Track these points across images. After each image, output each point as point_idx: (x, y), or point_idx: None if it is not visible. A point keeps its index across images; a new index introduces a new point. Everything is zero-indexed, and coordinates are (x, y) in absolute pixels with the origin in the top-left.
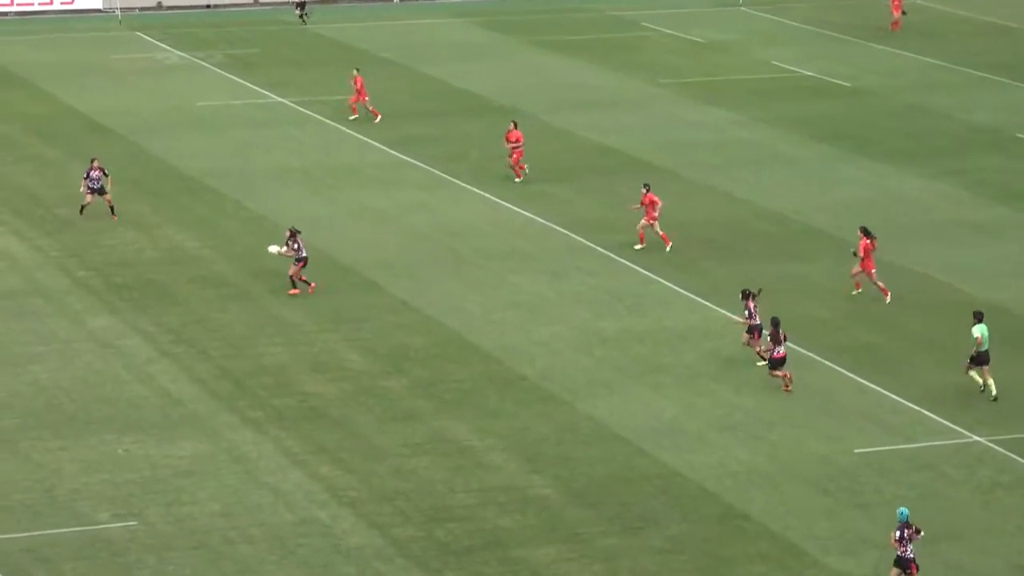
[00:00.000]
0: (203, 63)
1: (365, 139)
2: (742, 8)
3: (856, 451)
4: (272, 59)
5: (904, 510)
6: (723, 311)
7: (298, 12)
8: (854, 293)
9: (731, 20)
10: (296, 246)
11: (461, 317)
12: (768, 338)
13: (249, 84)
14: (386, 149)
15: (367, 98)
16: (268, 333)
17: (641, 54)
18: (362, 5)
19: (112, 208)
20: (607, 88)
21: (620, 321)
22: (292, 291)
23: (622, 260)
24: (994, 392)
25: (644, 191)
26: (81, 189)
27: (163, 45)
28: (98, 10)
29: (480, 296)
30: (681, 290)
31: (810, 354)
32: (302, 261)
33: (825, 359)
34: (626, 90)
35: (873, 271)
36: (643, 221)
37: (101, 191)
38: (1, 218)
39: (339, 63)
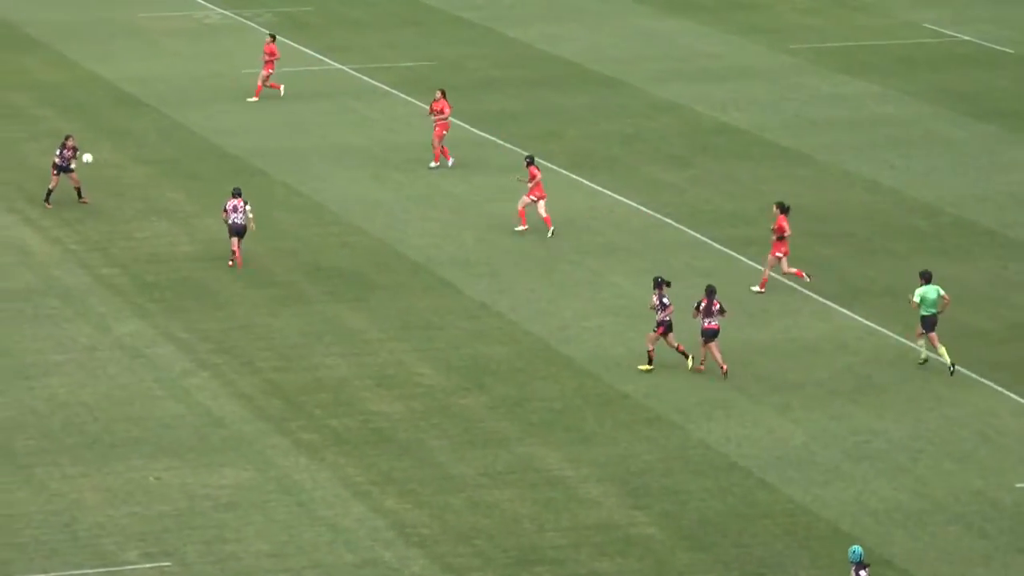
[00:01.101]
0: (249, 23)
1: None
2: None
3: (1018, 485)
4: (330, 19)
5: (857, 548)
6: (862, 319)
7: None
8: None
9: None
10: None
11: (551, 324)
12: (698, 307)
13: (303, 48)
14: (464, 125)
15: (271, 71)
16: (325, 342)
17: (768, 14)
18: None
19: (79, 191)
20: (726, 55)
21: (739, 331)
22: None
23: (742, 258)
24: (948, 360)
25: (527, 164)
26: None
27: (202, 1)
28: None
29: (573, 299)
30: (812, 294)
31: (965, 371)
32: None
33: (983, 377)
34: (749, 57)
35: (780, 256)
36: (525, 198)
37: (67, 169)
38: (13, 205)
39: (410, 24)
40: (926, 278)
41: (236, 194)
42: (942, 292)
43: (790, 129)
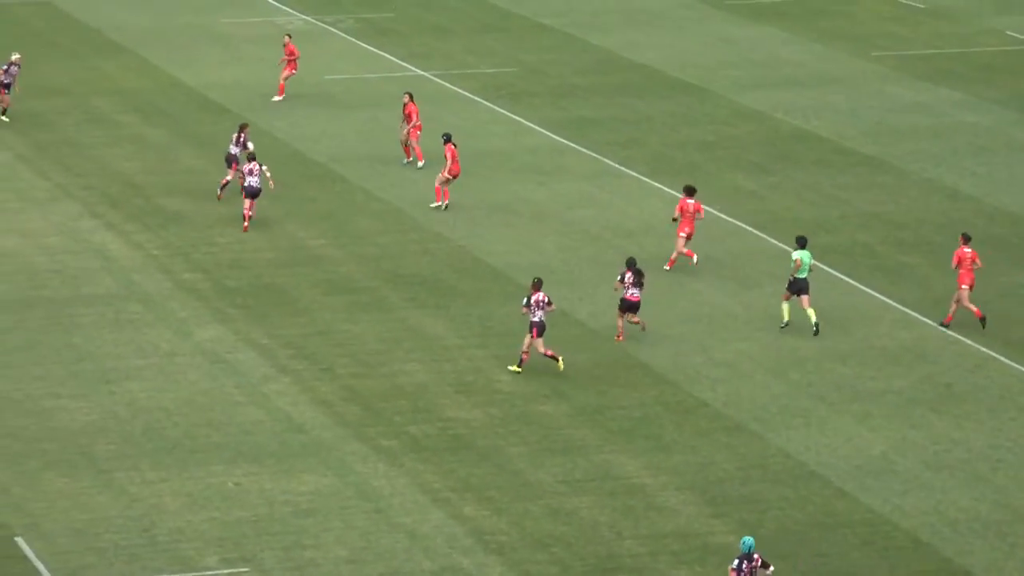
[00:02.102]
0: (332, 29)
1: (521, 120)
2: None
3: None
4: (411, 25)
5: (749, 539)
6: (942, 328)
7: None
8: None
9: None
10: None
11: (632, 330)
12: (621, 278)
13: (385, 54)
14: (545, 132)
15: (293, 71)
16: (405, 348)
17: (850, 22)
18: None
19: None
20: (808, 62)
21: (819, 339)
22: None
23: (822, 266)
24: (813, 321)
25: (444, 141)
26: None
27: (285, 7)
28: None
29: (654, 307)
30: (893, 303)
31: None
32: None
33: None
34: (831, 65)
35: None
36: (442, 175)
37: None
38: (95, 210)
39: (491, 30)
40: (802, 243)
41: (251, 158)
42: (812, 260)
43: (871, 136)
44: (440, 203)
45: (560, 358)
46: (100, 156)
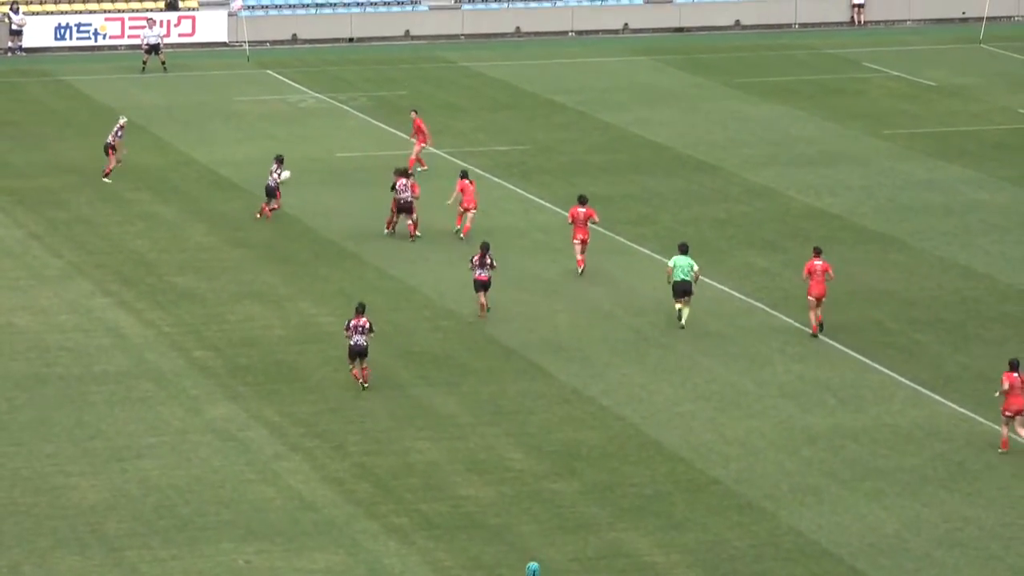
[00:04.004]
0: (344, 106)
1: (532, 198)
2: (983, 46)
3: None
4: (424, 102)
5: (533, 564)
6: (954, 405)
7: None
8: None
9: (969, 60)
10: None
11: (643, 409)
12: (472, 260)
13: (397, 132)
14: (557, 209)
15: (427, 142)
16: (416, 426)
17: (863, 100)
18: (530, 40)
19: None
20: (820, 140)
21: (831, 416)
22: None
23: (834, 344)
24: (683, 320)
25: (460, 176)
26: None
27: (297, 85)
28: (223, 43)
29: (665, 384)
30: (905, 380)
31: None
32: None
33: None
34: (843, 143)
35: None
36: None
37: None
38: (108, 287)
39: (504, 108)
40: (683, 249)
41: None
42: (695, 266)
43: (883, 214)
44: (458, 229)
45: (365, 385)
46: (112, 234)
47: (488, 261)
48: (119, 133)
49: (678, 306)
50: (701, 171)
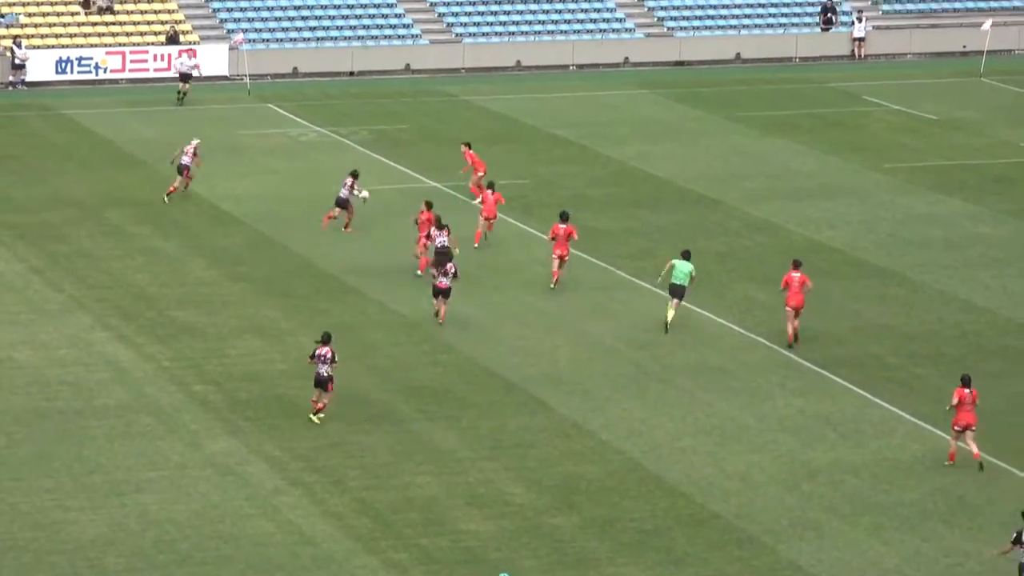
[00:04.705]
0: (345, 140)
1: (532, 231)
2: (983, 80)
3: None
4: (425, 136)
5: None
6: (950, 439)
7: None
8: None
9: (970, 93)
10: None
11: (643, 443)
12: (433, 268)
13: (399, 166)
14: (554, 256)
15: (480, 173)
16: (416, 460)
17: (863, 134)
18: (531, 73)
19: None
20: (821, 174)
21: (832, 451)
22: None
23: (835, 378)
24: (668, 320)
25: (485, 186)
26: None
27: (299, 119)
28: (223, 77)
29: (665, 419)
30: (905, 414)
31: None
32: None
33: None
34: (844, 176)
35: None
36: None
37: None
38: (107, 321)
39: (505, 141)
40: (685, 255)
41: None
42: (693, 273)
43: (884, 248)
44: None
45: (319, 415)
46: (113, 268)
47: (450, 270)
48: (194, 153)
49: (671, 310)
50: (702, 205)
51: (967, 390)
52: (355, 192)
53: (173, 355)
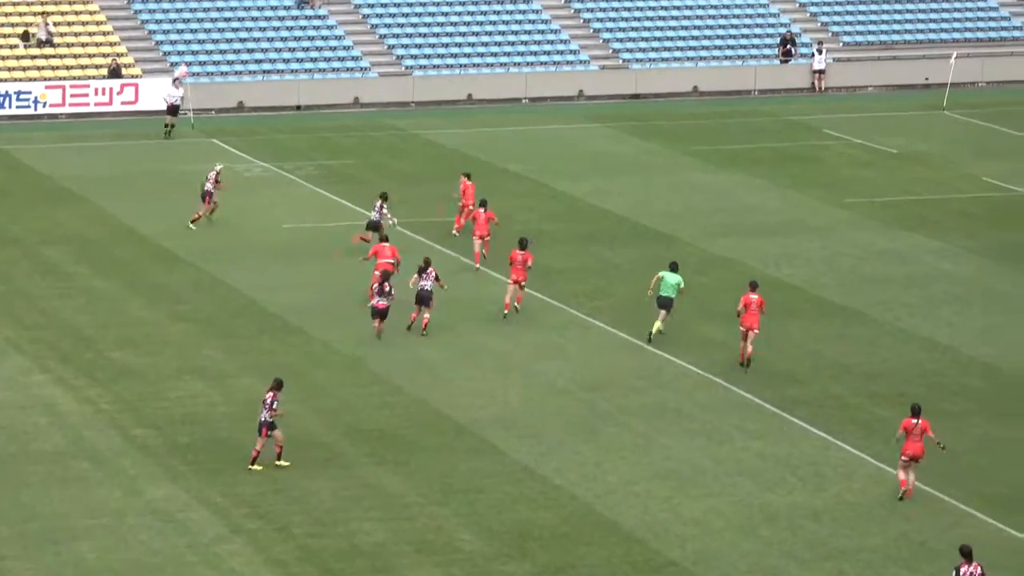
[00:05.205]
0: (291, 176)
1: (485, 269)
2: (946, 112)
3: None
4: (373, 171)
5: None
6: (918, 483)
7: None
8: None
9: (933, 126)
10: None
11: (597, 488)
12: (372, 287)
13: (346, 202)
14: (510, 282)
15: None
16: (363, 506)
17: (822, 168)
18: (483, 107)
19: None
20: (780, 209)
21: (791, 494)
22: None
23: (794, 420)
24: (654, 330)
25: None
26: None
27: (243, 154)
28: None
29: (620, 462)
30: (866, 457)
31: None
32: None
33: None
34: (804, 212)
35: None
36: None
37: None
38: (45, 363)
39: (453, 176)
40: (673, 267)
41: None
42: (682, 285)
43: (844, 285)
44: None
45: (251, 466)
46: (51, 308)
47: (387, 289)
48: (216, 179)
49: (659, 321)
50: (658, 241)
51: (915, 420)
52: (386, 215)
53: (112, 398)
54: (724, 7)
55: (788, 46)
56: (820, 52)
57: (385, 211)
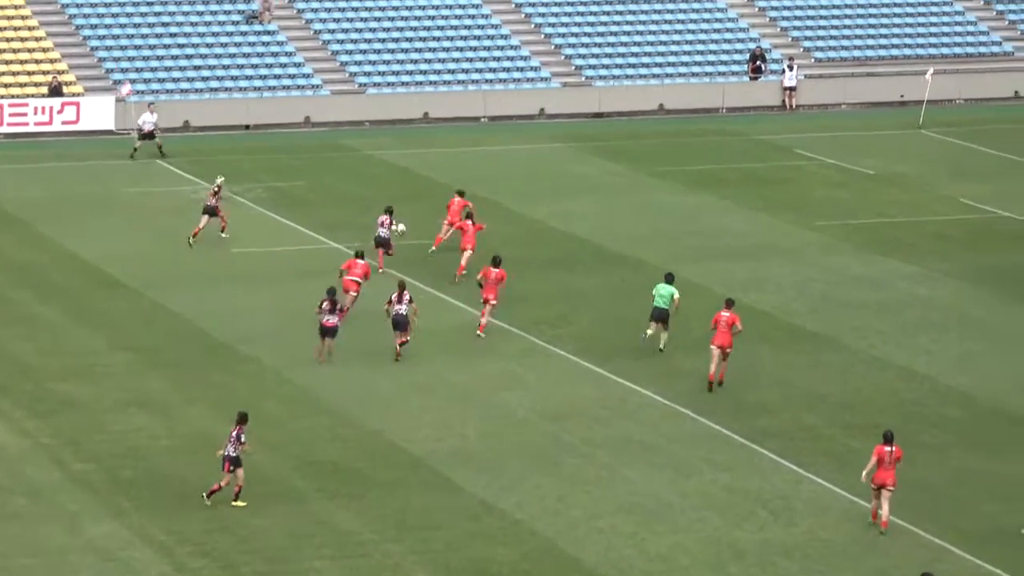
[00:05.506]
0: (239, 198)
1: (443, 296)
2: (923, 132)
3: None
4: (324, 194)
5: None
6: (893, 518)
7: None
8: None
9: (908, 146)
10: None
11: (559, 523)
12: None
13: (296, 225)
14: (469, 309)
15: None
16: (315, 544)
17: (793, 189)
18: (440, 126)
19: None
20: (750, 232)
21: (761, 530)
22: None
23: (764, 452)
24: (661, 345)
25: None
26: None
27: (190, 176)
28: (109, 131)
29: (583, 496)
30: (840, 491)
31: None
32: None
33: None
34: (774, 235)
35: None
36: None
37: (386, 243)
38: None
39: (411, 199)
40: (668, 279)
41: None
42: (676, 295)
43: (817, 312)
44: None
45: (236, 500)
46: None
47: (336, 307)
48: (215, 193)
49: (649, 331)
50: (623, 266)
51: (888, 448)
52: (394, 228)
53: (52, 431)
54: (691, 22)
55: (758, 62)
56: (791, 68)
57: (394, 226)
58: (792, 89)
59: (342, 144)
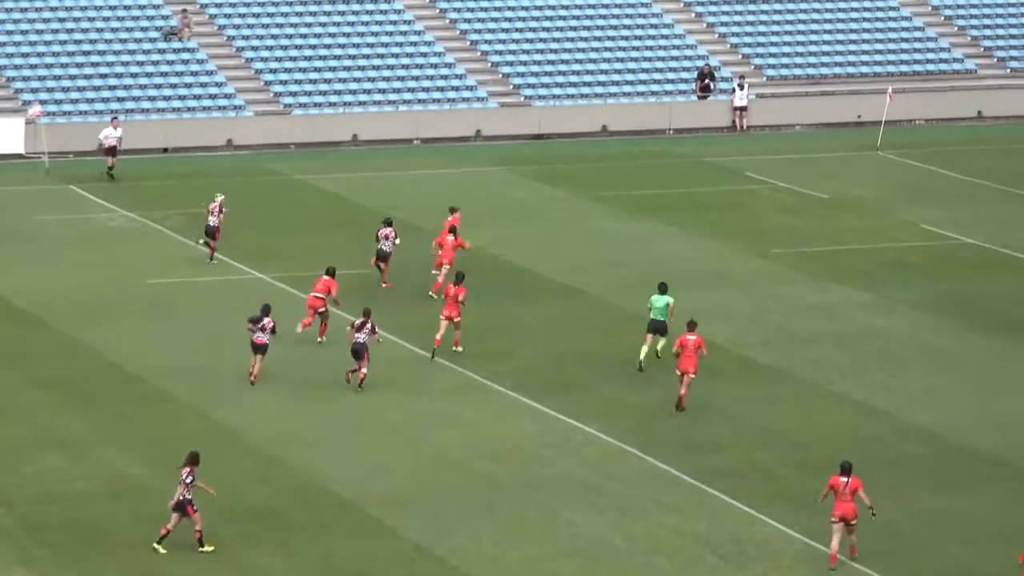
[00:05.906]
0: (157, 226)
1: (382, 334)
2: (880, 153)
3: None
4: (249, 221)
5: None
6: (852, 563)
7: None
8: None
9: (866, 169)
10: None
11: (497, 569)
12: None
13: (217, 254)
14: (400, 342)
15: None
16: None
17: (745, 215)
18: (370, 149)
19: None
20: (699, 260)
21: (712, 574)
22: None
23: (715, 492)
24: (643, 356)
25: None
26: None
27: (105, 202)
28: (18, 155)
29: (523, 540)
30: (794, 533)
31: None
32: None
33: None
34: (725, 263)
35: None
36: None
37: (384, 255)
38: None
39: (341, 226)
40: (661, 289)
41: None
42: (671, 303)
43: (770, 344)
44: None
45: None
46: None
47: (266, 325)
48: (219, 210)
49: (646, 346)
50: (566, 296)
51: (844, 479)
52: (396, 242)
53: None
54: (635, 38)
55: (706, 80)
56: (742, 87)
57: (392, 239)
58: (743, 109)
59: (267, 168)
